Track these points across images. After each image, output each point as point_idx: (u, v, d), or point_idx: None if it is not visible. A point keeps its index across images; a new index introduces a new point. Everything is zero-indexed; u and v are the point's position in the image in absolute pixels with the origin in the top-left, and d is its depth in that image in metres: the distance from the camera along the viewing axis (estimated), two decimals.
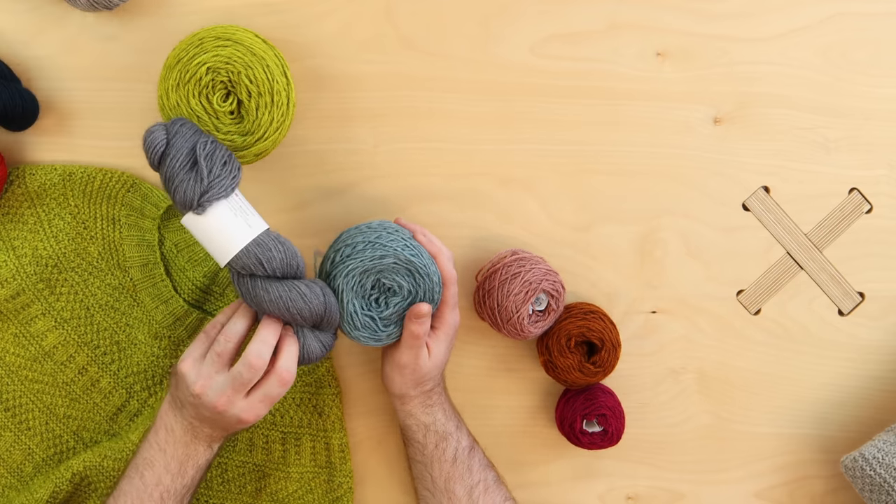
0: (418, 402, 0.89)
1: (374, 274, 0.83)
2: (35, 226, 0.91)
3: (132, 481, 0.82)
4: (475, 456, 0.89)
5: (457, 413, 0.91)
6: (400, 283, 0.84)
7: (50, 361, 0.92)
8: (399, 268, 0.83)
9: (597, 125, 0.95)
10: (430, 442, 0.89)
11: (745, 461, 1.00)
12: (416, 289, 0.84)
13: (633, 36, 0.94)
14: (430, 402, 0.89)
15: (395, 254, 0.83)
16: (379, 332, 0.85)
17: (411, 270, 0.83)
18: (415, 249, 0.84)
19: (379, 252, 0.83)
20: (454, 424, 0.89)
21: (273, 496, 0.95)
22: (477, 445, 0.90)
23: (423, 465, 0.89)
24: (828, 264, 0.98)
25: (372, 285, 0.84)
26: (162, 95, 0.84)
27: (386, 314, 0.85)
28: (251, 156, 0.85)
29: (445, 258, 0.86)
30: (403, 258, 0.83)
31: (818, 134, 0.96)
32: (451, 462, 0.88)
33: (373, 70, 0.93)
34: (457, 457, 0.88)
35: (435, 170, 0.94)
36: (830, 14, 0.95)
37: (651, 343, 0.98)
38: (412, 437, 0.90)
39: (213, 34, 0.83)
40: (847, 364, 0.99)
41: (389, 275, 0.83)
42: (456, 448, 0.88)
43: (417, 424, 0.89)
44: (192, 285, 0.93)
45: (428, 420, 0.89)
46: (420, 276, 0.84)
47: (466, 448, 0.89)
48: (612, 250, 0.97)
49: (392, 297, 0.85)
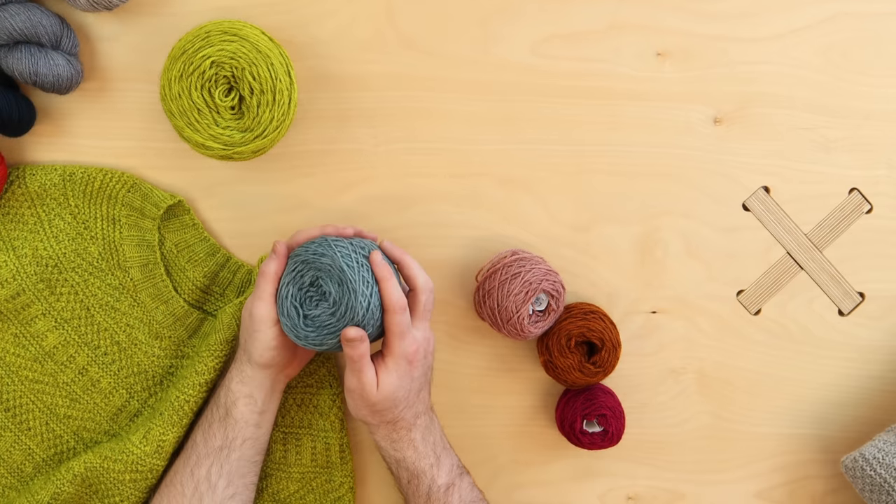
0: (383, 433, 0.85)
1: (313, 270, 0.82)
2: (35, 226, 0.91)
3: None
4: (455, 493, 0.85)
5: (437, 448, 0.87)
6: (329, 289, 0.82)
7: (50, 362, 0.92)
8: (332, 273, 0.81)
9: (597, 125, 0.95)
10: (402, 476, 0.86)
11: (745, 461, 1.00)
12: (340, 300, 0.81)
13: (633, 36, 0.94)
14: (396, 435, 0.85)
15: (332, 257, 0.81)
16: (299, 329, 0.83)
17: (342, 280, 0.81)
18: (355, 265, 0.82)
19: (321, 249, 0.82)
20: (429, 462, 0.85)
21: (274, 496, 0.95)
22: (461, 479, 0.87)
23: (401, 493, 0.88)
24: (828, 264, 0.98)
25: (310, 282, 0.83)
26: (164, 86, 0.84)
27: (311, 314, 0.83)
28: (249, 153, 0.86)
29: (389, 285, 0.81)
30: (337, 265, 0.81)
31: (818, 134, 0.96)
32: (426, 498, 0.85)
33: (373, 70, 0.93)
34: (430, 495, 0.85)
35: (435, 170, 0.94)
36: (830, 14, 0.95)
37: (651, 343, 0.98)
38: (388, 466, 0.88)
39: (219, 28, 0.84)
40: (847, 364, 0.99)
41: (325, 277, 0.82)
42: (429, 486, 0.85)
43: (388, 457, 0.87)
44: (192, 285, 0.93)
45: (397, 455, 0.86)
46: (346, 290, 0.81)
47: (443, 486, 0.85)
48: (612, 250, 0.97)
49: (322, 301, 0.83)
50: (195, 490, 0.85)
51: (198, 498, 0.85)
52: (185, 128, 0.85)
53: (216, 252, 0.93)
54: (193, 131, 0.85)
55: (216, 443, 0.86)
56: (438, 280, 0.95)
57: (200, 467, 0.86)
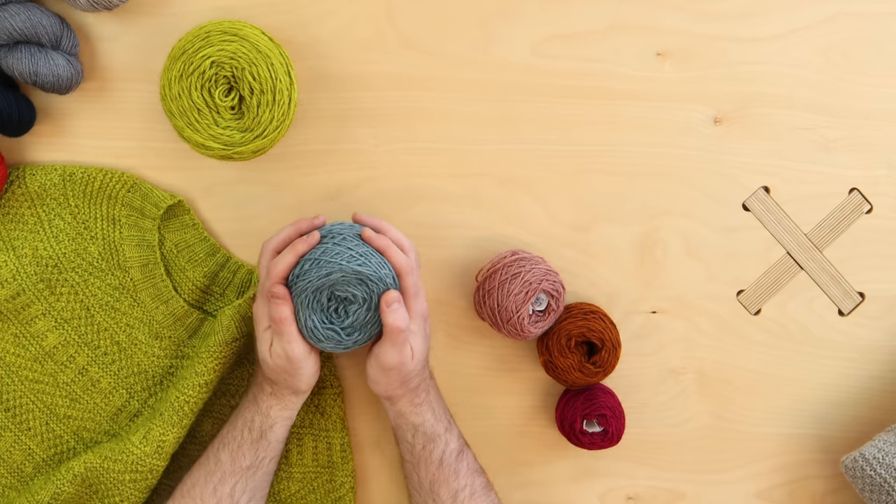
0: (406, 401, 0.88)
1: (327, 289, 0.83)
2: (35, 226, 0.91)
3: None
4: (463, 460, 0.88)
5: (447, 413, 0.91)
6: (353, 292, 0.83)
7: (50, 362, 0.92)
8: (349, 279, 0.82)
9: (596, 125, 0.95)
10: (417, 443, 0.88)
11: (745, 461, 1.00)
12: (370, 295, 0.83)
13: (633, 36, 0.94)
14: (419, 399, 0.88)
15: (340, 268, 0.82)
16: (344, 341, 0.84)
17: (362, 279, 0.82)
18: (361, 258, 0.82)
19: (325, 270, 0.82)
20: (443, 426, 0.89)
21: (275, 496, 0.95)
22: (467, 449, 0.90)
23: (412, 465, 0.89)
24: (828, 264, 0.98)
25: (328, 298, 0.83)
26: (164, 85, 0.84)
27: (348, 323, 0.84)
28: (248, 153, 0.86)
29: (394, 251, 0.83)
30: (350, 271, 0.82)
31: (818, 134, 0.96)
32: (438, 465, 0.87)
33: (373, 70, 0.93)
34: (443, 460, 0.87)
35: (435, 170, 0.94)
36: (830, 14, 0.95)
37: (651, 343, 0.98)
38: (402, 437, 0.89)
39: (219, 28, 0.84)
40: (847, 364, 0.99)
41: (342, 287, 0.82)
42: (443, 451, 0.88)
43: (407, 425, 0.88)
44: (192, 285, 0.93)
45: (417, 420, 0.88)
46: (372, 283, 0.82)
47: (454, 451, 0.88)
48: (612, 250, 0.97)
49: (350, 305, 0.84)
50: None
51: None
52: (185, 128, 0.85)
53: (216, 252, 0.93)
54: (193, 131, 0.85)
55: (244, 463, 0.87)
56: (438, 280, 0.95)
57: (225, 485, 0.86)
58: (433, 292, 0.96)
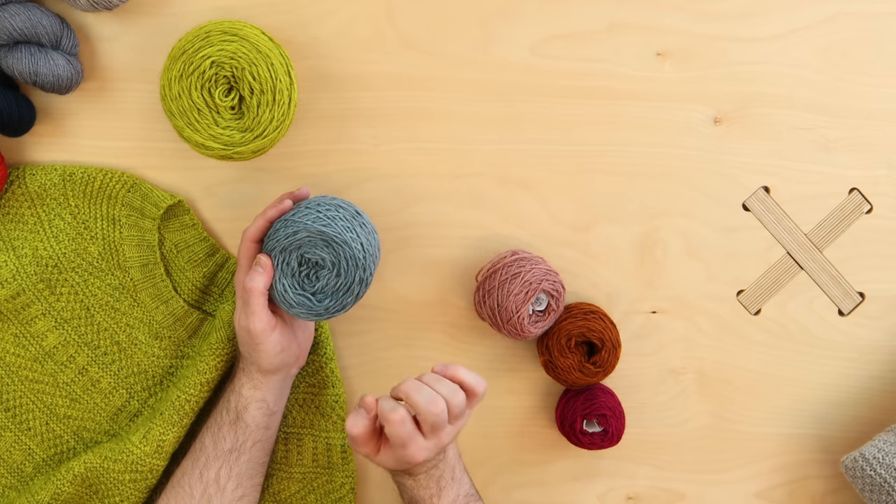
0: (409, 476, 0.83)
1: (295, 251, 0.83)
2: (35, 226, 0.91)
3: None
4: None
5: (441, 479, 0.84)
6: (321, 255, 0.83)
7: (50, 362, 0.92)
8: (315, 240, 0.82)
9: (597, 125, 0.95)
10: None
11: (745, 461, 1.00)
12: (337, 258, 0.82)
13: (633, 36, 0.94)
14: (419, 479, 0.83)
15: (305, 227, 0.82)
16: (315, 307, 0.84)
17: (326, 241, 0.82)
18: (326, 220, 0.82)
19: (291, 228, 0.82)
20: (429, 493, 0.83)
21: (275, 496, 0.95)
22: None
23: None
24: (828, 264, 0.98)
25: (299, 262, 0.83)
26: (164, 85, 0.84)
27: (319, 287, 0.84)
28: (248, 153, 0.86)
29: (465, 373, 0.79)
30: (315, 230, 0.82)
31: (818, 134, 0.96)
32: None
33: (373, 70, 0.93)
34: None
35: (435, 170, 0.94)
36: (830, 14, 0.95)
37: (651, 343, 0.98)
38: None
39: (219, 28, 0.84)
40: (847, 364, 0.99)
41: (310, 249, 0.82)
42: None
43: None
44: (191, 285, 0.93)
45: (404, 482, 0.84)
46: (337, 245, 0.82)
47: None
48: (612, 250, 0.97)
49: (321, 269, 0.84)
50: (204, 492, 0.86)
51: (206, 499, 0.86)
52: (185, 128, 0.85)
53: (216, 252, 0.93)
54: (193, 131, 0.85)
55: (226, 446, 0.86)
56: (438, 280, 0.95)
57: (209, 469, 0.86)
58: (433, 292, 0.96)
